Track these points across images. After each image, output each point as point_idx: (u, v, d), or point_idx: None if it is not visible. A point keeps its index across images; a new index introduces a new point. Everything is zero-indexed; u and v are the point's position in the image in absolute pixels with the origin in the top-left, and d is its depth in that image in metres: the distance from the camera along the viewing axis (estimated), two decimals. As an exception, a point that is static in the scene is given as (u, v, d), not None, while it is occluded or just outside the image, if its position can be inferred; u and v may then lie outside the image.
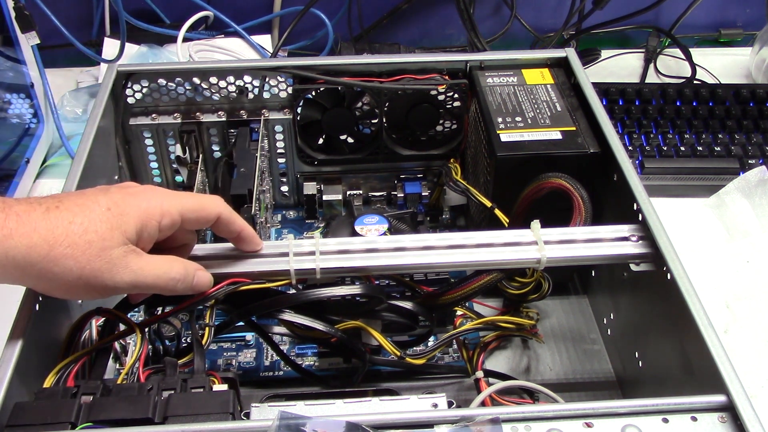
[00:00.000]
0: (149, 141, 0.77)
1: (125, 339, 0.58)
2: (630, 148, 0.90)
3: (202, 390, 0.47)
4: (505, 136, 0.67)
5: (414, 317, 0.59)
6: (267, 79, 0.75)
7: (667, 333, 0.55)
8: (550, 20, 1.13)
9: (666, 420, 0.44)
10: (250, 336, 0.70)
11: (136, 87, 0.74)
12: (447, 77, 0.75)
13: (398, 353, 0.58)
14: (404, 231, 0.72)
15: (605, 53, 1.12)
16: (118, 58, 0.95)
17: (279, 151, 0.80)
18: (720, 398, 0.45)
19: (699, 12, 1.13)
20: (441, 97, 0.76)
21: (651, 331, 0.59)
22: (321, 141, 0.79)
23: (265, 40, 1.10)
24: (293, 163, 0.81)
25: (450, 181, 0.73)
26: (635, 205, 0.59)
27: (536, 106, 0.70)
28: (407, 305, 0.58)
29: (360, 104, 0.76)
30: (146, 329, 0.53)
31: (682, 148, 0.90)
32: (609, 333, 0.69)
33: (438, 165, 0.80)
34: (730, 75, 1.10)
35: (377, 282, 0.59)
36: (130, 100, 0.75)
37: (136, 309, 0.56)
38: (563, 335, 0.72)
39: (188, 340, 0.55)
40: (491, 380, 0.62)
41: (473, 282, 0.57)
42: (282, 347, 0.67)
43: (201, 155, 0.77)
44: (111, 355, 0.55)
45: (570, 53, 0.75)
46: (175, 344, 0.58)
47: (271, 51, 1.07)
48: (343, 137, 0.78)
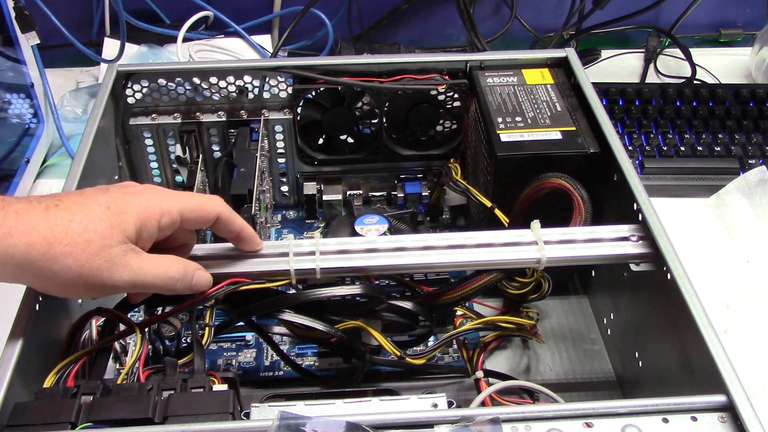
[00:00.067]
0: (149, 141, 0.77)
1: (125, 339, 0.58)
2: (630, 148, 0.90)
3: (202, 390, 0.47)
4: (505, 136, 0.67)
5: (414, 317, 0.59)
6: (267, 79, 0.75)
7: (667, 333, 0.55)
8: (550, 20, 1.13)
9: (666, 420, 0.44)
10: (250, 336, 0.70)
11: (136, 87, 0.74)
12: (447, 77, 0.75)
13: (398, 353, 0.58)
14: (404, 231, 0.72)
15: (605, 53, 1.12)
16: (118, 58, 0.95)
17: (279, 151, 0.80)
18: (720, 398, 0.45)
19: (699, 12, 1.13)
20: (441, 97, 0.76)
21: (651, 331, 0.59)
22: (321, 141, 0.79)
23: (265, 40, 1.10)
24: (293, 163, 0.81)
25: (450, 181, 0.73)
26: (635, 205, 0.59)
27: (536, 106, 0.70)
28: (407, 305, 0.58)
29: (360, 104, 0.76)
30: (146, 329, 0.53)
31: (682, 148, 0.90)
32: (609, 333, 0.69)
33: (438, 165, 0.80)
34: (730, 75, 1.10)
35: (377, 282, 0.59)
36: (130, 100, 0.75)
37: (136, 309, 0.56)
38: (563, 335, 0.72)
39: (188, 340, 0.55)
40: (491, 380, 0.62)
41: (473, 282, 0.57)
42: (282, 347, 0.67)
43: (201, 155, 0.77)
44: (111, 355, 0.55)
45: (570, 53, 0.75)
46: (175, 344, 0.58)
47: (271, 51, 1.07)
48: (343, 137, 0.78)
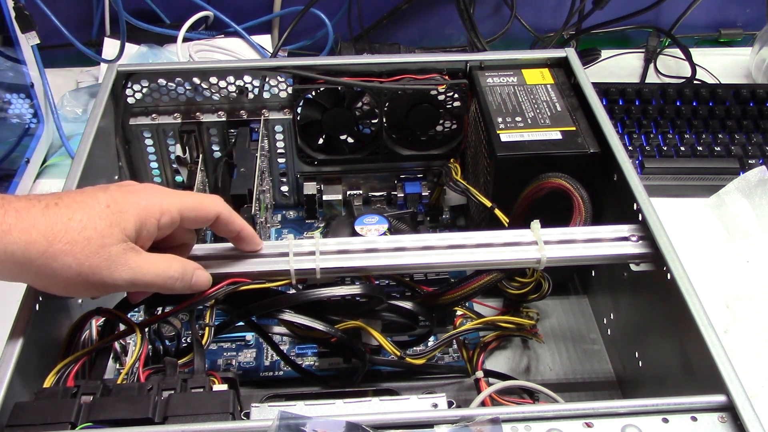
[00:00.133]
0: (149, 141, 0.77)
1: (125, 339, 0.58)
2: (630, 148, 0.90)
3: (202, 390, 0.47)
4: (505, 136, 0.67)
5: (414, 317, 0.59)
6: (267, 79, 0.75)
7: (667, 333, 0.55)
8: (550, 20, 1.13)
9: (666, 420, 0.44)
10: (250, 336, 0.70)
11: (136, 87, 0.74)
12: (447, 77, 0.75)
13: (398, 353, 0.58)
14: (404, 231, 0.72)
15: (605, 53, 1.12)
16: (118, 58, 0.95)
17: (279, 151, 0.80)
18: (720, 398, 0.45)
19: (699, 12, 1.13)
20: (441, 97, 0.76)
21: (651, 331, 0.59)
22: (321, 141, 0.79)
23: (265, 40, 1.10)
24: (293, 163, 0.81)
25: (450, 181, 0.73)
26: (635, 205, 0.59)
27: (536, 106, 0.70)
28: (407, 305, 0.58)
29: (360, 104, 0.76)
30: (146, 329, 0.53)
31: (682, 148, 0.90)
32: (609, 333, 0.69)
33: (438, 165, 0.80)
34: (730, 75, 1.10)
35: (377, 282, 0.59)
36: (130, 100, 0.75)
37: (136, 309, 0.56)
38: (563, 335, 0.72)
39: (188, 340, 0.55)
40: (491, 380, 0.62)
41: (473, 282, 0.57)
42: (282, 347, 0.67)
43: (201, 155, 0.77)
44: (111, 355, 0.55)
45: (570, 53, 0.75)
46: (175, 344, 0.58)
47: (271, 51, 1.07)
48: (343, 137, 0.78)
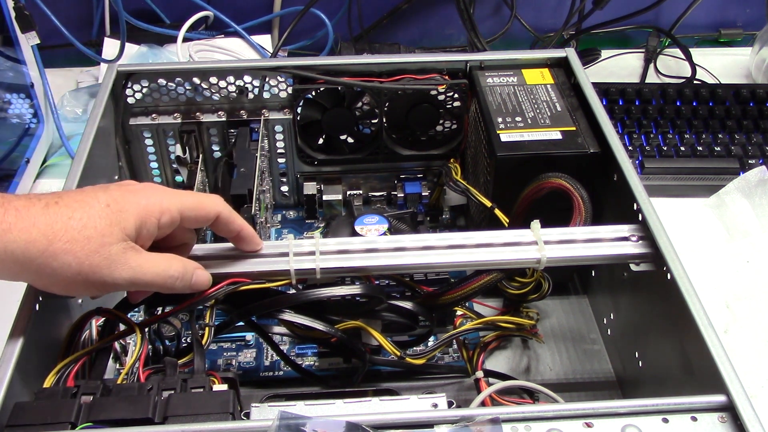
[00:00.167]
0: (149, 141, 0.77)
1: (125, 339, 0.58)
2: (630, 148, 0.90)
3: (202, 390, 0.47)
4: (505, 136, 0.67)
5: (414, 317, 0.59)
6: (267, 79, 0.75)
7: (667, 333, 0.55)
8: (550, 20, 1.13)
9: (666, 420, 0.44)
10: (250, 336, 0.70)
11: (136, 87, 0.74)
12: (447, 77, 0.75)
13: (398, 353, 0.58)
14: (404, 231, 0.72)
15: (605, 53, 1.12)
16: (118, 58, 0.95)
17: (279, 151, 0.80)
18: (720, 398, 0.45)
19: (699, 12, 1.13)
20: (441, 97, 0.76)
21: (651, 331, 0.59)
22: (321, 141, 0.79)
23: (265, 40, 1.10)
24: (293, 163, 0.81)
25: (450, 181, 0.73)
26: (635, 205, 0.59)
27: (536, 106, 0.70)
28: (407, 305, 0.58)
29: (360, 104, 0.76)
30: (146, 329, 0.53)
31: (682, 148, 0.90)
32: (609, 333, 0.69)
33: (438, 165, 0.80)
34: (730, 75, 1.10)
35: (377, 282, 0.59)
36: (130, 100, 0.75)
37: (136, 309, 0.56)
38: (563, 335, 0.72)
39: (188, 340, 0.55)
40: (491, 380, 0.62)
41: (473, 282, 0.57)
42: (282, 347, 0.67)
43: (201, 155, 0.77)
44: (111, 355, 0.55)
45: (570, 53, 0.75)
46: (175, 344, 0.58)
47: (271, 51, 1.07)
48: (343, 137, 0.78)
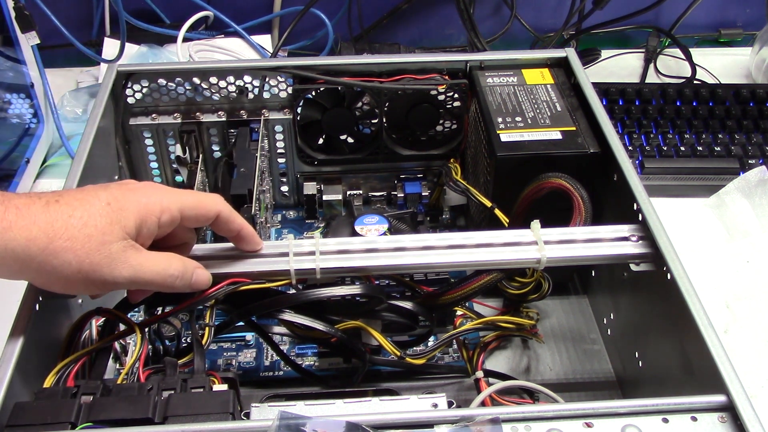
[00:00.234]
0: (149, 141, 0.77)
1: (125, 339, 0.58)
2: (630, 148, 0.90)
3: (202, 390, 0.47)
4: (505, 136, 0.67)
5: (414, 317, 0.59)
6: (267, 79, 0.75)
7: (667, 333, 0.55)
8: (550, 20, 1.13)
9: (666, 420, 0.44)
10: (250, 336, 0.70)
11: (136, 87, 0.74)
12: (447, 77, 0.75)
13: (398, 353, 0.58)
14: (404, 231, 0.72)
15: (605, 53, 1.12)
16: (118, 58, 0.95)
17: (279, 151, 0.80)
18: (720, 398, 0.45)
19: (699, 12, 1.13)
20: (441, 97, 0.76)
21: (651, 331, 0.59)
22: (321, 141, 0.79)
23: (265, 40, 1.10)
24: (293, 163, 0.81)
25: (450, 181, 0.73)
26: (635, 205, 0.59)
27: (536, 106, 0.70)
28: (407, 305, 0.58)
29: (360, 104, 0.76)
30: (146, 329, 0.53)
31: (682, 148, 0.90)
32: (609, 333, 0.69)
33: (438, 165, 0.80)
34: (730, 75, 1.10)
35: (377, 282, 0.59)
36: (130, 100, 0.75)
37: (136, 309, 0.56)
38: (563, 335, 0.72)
39: (188, 340, 0.55)
40: (491, 380, 0.62)
41: (473, 282, 0.57)
42: (282, 347, 0.67)
43: (201, 155, 0.77)
44: (111, 355, 0.55)
45: (570, 53, 0.75)
46: (175, 344, 0.58)
47: (271, 51, 1.07)
48: (343, 137, 0.78)
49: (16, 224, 0.44)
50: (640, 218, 0.58)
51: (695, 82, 1.06)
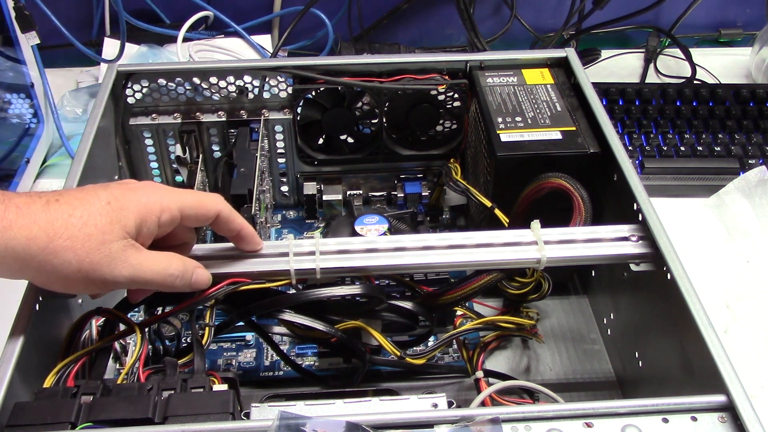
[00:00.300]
0: (149, 141, 0.77)
1: (125, 339, 0.58)
2: (630, 148, 0.90)
3: (202, 390, 0.47)
4: (505, 136, 0.67)
5: (414, 317, 0.59)
6: (267, 79, 0.75)
7: (667, 333, 0.55)
8: (550, 20, 1.13)
9: (666, 420, 0.44)
10: (250, 336, 0.70)
11: (136, 87, 0.74)
12: (447, 77, 0.75)
13: (398, 353, 0.58)
14: (404, 231, 0.72)
15: (605, 53, 1.12)
16: (118, 58, 0.95)
17: (279, 151, 0.80)
18: (720, 398, 0.45)
19: (699, 12, 1.13)
20: (441, 97, 0.76)
21: (651, 331, 0.59)
22: (321, 141, 0.79)
23: (265, 40, 1.10)
24: (293, 163, 0.81)
25: (450, 181, 0.73)
26: (635, 205, 0.59)
27: (536, 106, 0.70)
28: (407, 305, 0.58)
29: (360, 104, 0.76)
30: (146, 329, 0.53)
31: (682, 148, 0.90)
32: (609, 333, 0.69)
33: (438, 165, 0.80)
34: (730, 75, 1.10)
35: (377, 282, 0.59)
36: (130, 100, 0.75)
37: (136, 309, 0.56)
38: (563, 335, 0.72)
39: (188, 340, 0.55)
40: (491, 380, 0.62)
41: (473, 282, 0.57)
42: (282, 347, 0.67)
43: (201, 155, 0.77)
44: (111, 355, 0.55)
45: (570, 53, 0.75)
46: (175, 344, 0.58)
47: (271, 51, 1.07)
48: (343, 137, 0.78)
49: (17, 223, 0.44)
50: (640, 218, 0.58)
51: (695, 82, 1.06)
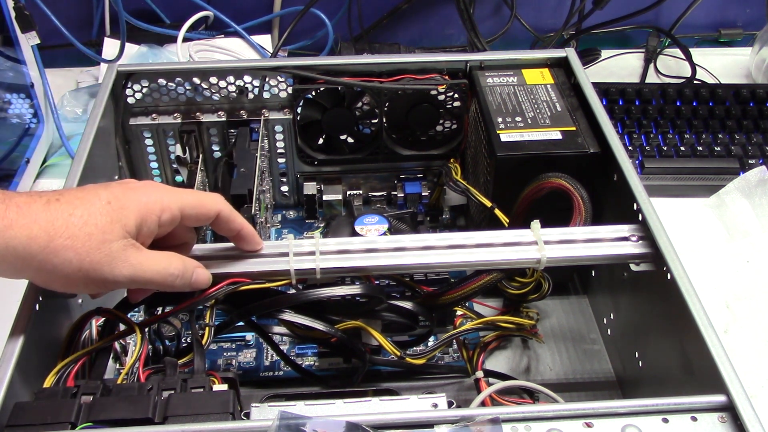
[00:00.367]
0: (149, 141, 0.77)
1: (125, 339, 0.58)
2: (630, 148, 0.90)
3: (202, 390, 0.47)
4: (505, 136, 0.67)
5: (414, 317, 0.59)
6: (267, 79, 0.75)
7: (667, 333, 0.55)
8: (550, 20, 1.13)
9: (666, 420, 0.44)
10: (250, 336, 0.70)
11: (136, 87, 0.74)
12: (447, 77, 0.75)
13: (398, 353, 0.58)
14: (404, 231, 0.72)
15: (605, 53, 1.12)
16: (118, 58, 0.95)
17: (279, 151, 0.80)
18: (720, 398, 0.45)
19: (699, 12, 1.13)
20: (441, 97, 0.76)
21: (651, 331, 0.59)
22: (321, 141, 0.79)
23: (265, 40, 1.10)
24: (293, 163, 0.81)
25: (450, 181, 0.73)
26: (635, 205, 0.59)
27: (536, 106, 0.70)
28: (407, 305, 0.58)
29: (360, 104, 0.76)
30: (146, 329, 0.53)
31: (682, 148, 0.90)
32: (609, 333, 0.69)
33: (438, 165, 0.80)
34: (730, 75, 1.10)
35: (377, 282, 0.59)
36: (130, 100, 0.75)
37: (136, 309, 0.56)
38: (563, 335, 0.72)
39: (188, 340, 0.55)
40: (491, 380, 0.62)
41: (473, 282, 0.57)
42: (282, 347, 0.67)
43: (201, 155, 0.77)
44: (111, 355, 0.55)
45: (570, 53, 0.75)
46: (175, 344, 0.58)
47: (271, 51, 1.07)
48: (343, 137, 0.78)
49: (17, 222, 0.44)
50: (640, 218, 0.58)
51: (695, 82, 1.06)
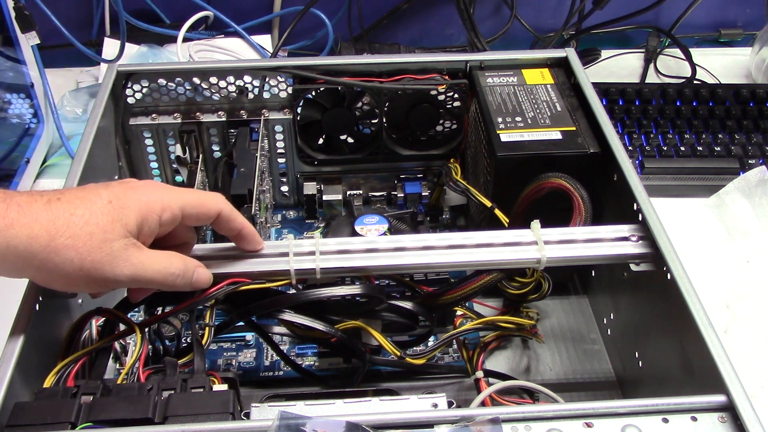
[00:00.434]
0: (149, 141, 0.77)
1: (125, 339, 0.58)
2: (630, 148, 0.90)
3: (202, 390, 0.47)
4: (505, 136, 0.67)
5: (414, 317, 0.59)
6: (267, 79, 0.75)
7: (667, 333, 0.55)
8: (550, 20, 1.13)
9: (666, 420, 0.44)
10: (250, 336, 0.70)
11: (136, 87, 0.74)
12: (447, 77, 0.75)
13: (398, 353, 0.58)
14: (404, 231, 0.72)
15: (605, 53, 1.12)
16: (118, 58, 0.95)
17: (279, 151, 0.80)
18: (720, 398, 0.45)
19: (699, 12, 1.13)
20: (441, 97, 0.76)
21: (651, 331, 0.59)
22: (321, 141, 0.79)
23: (265, 40, 1.10)
24: (293, 163, 0.81)
25: (450, 181, 0.73)
26: (635, 205, 0.59)
27: (536, 106, 0.70)
28: (407, 305, 0.58)
29: (360, 104, 0.76)
30: (146, 329, 0.53)
31: (682, 148, 0.90)
32: (609, 333, 0.69)
33: (438, 165, 0.80)
34: (730, 75, 1.10)
35: (377, 282, 0.59)
36: (130, 100, 0.75)
37: (136, 309, 0.56)
38: (563, 335, 0.72)
39: (188, 340, 0.55)
40: (491, 380, 0.62)
41: (473, 282, 0.57)
42: (282, 347, 0.67)
43: (201, 155, 0.77)
44: (111, 355, 0.55)
45: (570, 53, 0.75)
46: (175, 344, 0.58)
47: (271, 51, 1.07)
48: (343, 137, 0.78)
49: (18, 222, 0.44)
50: (640, 218, 0.58)
51: (695, 82, 1.06)
